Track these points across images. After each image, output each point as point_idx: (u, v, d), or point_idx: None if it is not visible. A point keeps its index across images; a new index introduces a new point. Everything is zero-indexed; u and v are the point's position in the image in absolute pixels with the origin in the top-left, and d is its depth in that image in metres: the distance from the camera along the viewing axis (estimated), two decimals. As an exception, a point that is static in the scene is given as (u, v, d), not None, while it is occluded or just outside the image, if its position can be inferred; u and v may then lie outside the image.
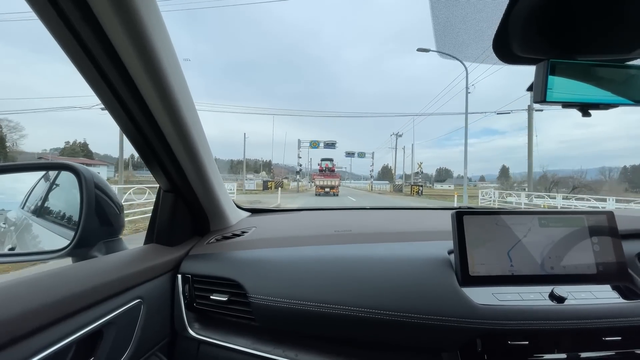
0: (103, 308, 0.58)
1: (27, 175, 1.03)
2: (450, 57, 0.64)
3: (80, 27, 0.49)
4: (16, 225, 1.01)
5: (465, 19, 0.57)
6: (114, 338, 0.59)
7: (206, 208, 0.93)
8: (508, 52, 0.54)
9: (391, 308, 0.65)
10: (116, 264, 0.66)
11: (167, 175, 0.80)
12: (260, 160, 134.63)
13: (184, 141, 0.71)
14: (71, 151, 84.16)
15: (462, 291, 0.65)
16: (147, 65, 0.56)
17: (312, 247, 0.85)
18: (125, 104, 0.62)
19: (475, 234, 0.69)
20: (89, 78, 0.58)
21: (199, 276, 0.79)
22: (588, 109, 0.56)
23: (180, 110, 0.66)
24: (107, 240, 0.76)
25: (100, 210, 0.74)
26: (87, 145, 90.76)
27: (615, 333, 0.62)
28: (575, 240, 0.69)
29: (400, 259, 0.74)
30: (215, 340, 0.74)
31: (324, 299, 0.68)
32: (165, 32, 0.60)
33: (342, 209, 1.55)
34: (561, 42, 0.51)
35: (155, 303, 0.72)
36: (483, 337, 0.62)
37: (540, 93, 0.52)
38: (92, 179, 0.74)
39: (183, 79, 0.67)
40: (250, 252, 0.84)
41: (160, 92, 0.60)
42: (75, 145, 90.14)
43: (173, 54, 0.63)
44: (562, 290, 0.64)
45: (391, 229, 1.01)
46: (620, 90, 0.54)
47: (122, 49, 0.53)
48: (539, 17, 0.47)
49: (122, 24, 0.49)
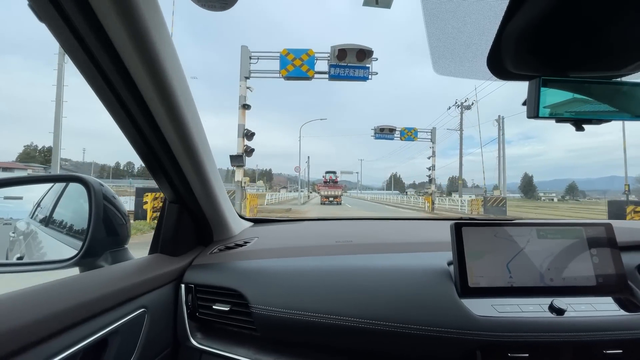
0: (109, 317, 0.59)
1: (36, 185, 1.06)
2: (447, 75, 0.66)
3: (93, 45, 0.52)
4: (25, 234, 1.04)
5: (459, 37, 0.59)
6: (119, 347, 0.60)
7: (210, 218, 0.95)
8: (502, 69, 0.56)
9: (391, 319, 0.65)
10: (122, 274, 0.68)
11: (172, 187, 0.82)
12: (257, 168, 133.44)
13: (189, 153, 0.73)
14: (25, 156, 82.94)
15: (462, 302, 0.65)
16: (154, 80, 0.58)
17: (313, 257, 0.86)
18: (133, 117, 0.65)
19: (475, 245, 0.70)
20: (100, 92, 0.60)
21: (201, 286, 0.81)
22: (581, 123, 0.58)
23: (186, 123, 0.68)
24: (113, 250, 0.77)
25: (108, 220, 0.76)
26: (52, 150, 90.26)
27: (615, 346, 0.61)
28: (574, 251, 0.70)
29: (400, 269, 0.75)
30: (217, 350, 0.75)
31: (324, 309, 0.69)
32: (173, 48, 0.62)
33: (344, 219, 1.56)
34: (553, 59, 0.53)
35: (158, 312, 0.73)
36: (483, 349, 0.62)
37: (533, 109, 0.54)
38: (100, 191, 0.76)
39: (189, 93, 0.70)
40: (252, 262, 0.86)
41: (167, 105, 0.63)
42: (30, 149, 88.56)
43: (180, 68, 0.66)
44: (562, 302, 0.64)
45: (391, 239, 1.02)
46: (611, 106, 0.55)
47: (131, 65, 0.56)
48: (531, 37, 0.49)
49: (133, 43, 0.52)
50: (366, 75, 9.21)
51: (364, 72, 9.16)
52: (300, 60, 9.03)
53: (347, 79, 9.32)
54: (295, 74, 9.11)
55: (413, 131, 17.17)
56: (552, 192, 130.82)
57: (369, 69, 9.13)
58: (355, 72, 9.16)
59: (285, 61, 9.03)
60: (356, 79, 9.35)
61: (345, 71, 9.12)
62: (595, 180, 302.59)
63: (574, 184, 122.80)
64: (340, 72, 9.12)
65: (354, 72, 9.15)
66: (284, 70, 9.05)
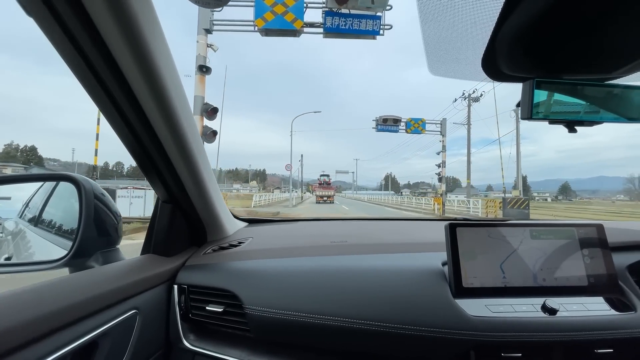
0: (99, 319, 0.58)
1: (25, 185, 1.04)
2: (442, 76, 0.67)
3: (84, 42, 0.51)
4: (13, 234, 1.02)
5: (454, 39, 0.60)
6: (109, 349, 0.59)
7: (203, 219, 0.94)
8: (496, 70, 0.57)
9: (385, 319, 0.65)
10: (113, 275, 0.67)
11: (165, 186, 0.81)
12: (250, 168, 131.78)
13: (183, 153, 0.72)
14: (5, 155, 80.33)
15: (456, 303, 0.65)
16: (147, 78, 0.57)
17: (308, 258, 0.85)
18: (125, 116, 0.64)
19: (469, 245, 0.70)
20: (91, 90, 0.59)
21: (194, 287, 0.80)
22: (574, 125, 0.59)
23: (179, 123, 0.67)
24: (104, 250, 0.76)
25: (99, 220, 0.75)
26: (36, 150, 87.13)
27: (606, 345, 0.62)
28: (566, 252, 0.71)
29: (394, 270, 0.75)
30: (210, 351, 0.74)
31: (319, 310, 0.69)
32: (165, 45, 0.61)
33: (339, 219, 1.56)
34: (546, 62, 0.54)
35: (150, 314, 0.72)
36: (476, 349, 0.62)
37: (526, 110, 0.54)
38: (91, 190, 0.75)
39: (182, 92, 0.69)
40: (246, 262, 0.85)
41: (160, 104, 0.62)
42: (11, 148, 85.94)
43: (173, 66, 0.65)
44: (554, 302, 0.65)
45: (386, 239, 1.02)
46: (603, 108, 0.56)
47: (123, 63, 0.55)
48: (525, 38, 0.49)
49: (126, 42, 0.52)
50: (376, 29, 6.54)
51: (374, 23, 6.47)
52: (284, 5, 6.41)
53: (349, 32, 6.54)
54: (277, 24, 6.48)
55: (420, 122, 15.02)
56: (545, 192, 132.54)
57: (381, 20, 6.47)
58: (362, 25, 6.45)
59: (263, 6, 6.42)
60: (363, 33, 6.57)
61: (348, 22, 6.43)
62: (585, 180, 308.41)
63: (567, 184, 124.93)
64: (341, 23, 6.42)
65: (359, 24, 6.45)
66: (260, 19, 6.46)
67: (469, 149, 18.48)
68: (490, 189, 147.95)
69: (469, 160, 18.45)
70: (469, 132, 18.30)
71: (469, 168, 18.31)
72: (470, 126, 18.35)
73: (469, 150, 18.58)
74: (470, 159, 18.44)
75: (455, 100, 19.28)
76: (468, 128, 18.03)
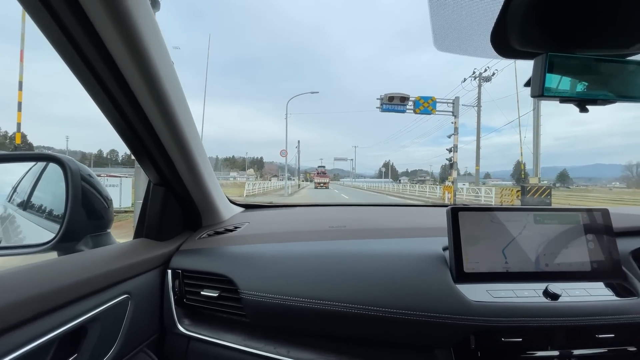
0: (88, 303, 0.56)
1: (13, 166, 1.00)
2: (448, 51, 0.63)
3: (68, 21, 0.48)
4: (2, 218, 0.99)
5: (462, 12, 0.56)
6: (99, 334, 0.57)
7: (198, 202, 0.91)
8: (506, 45, 0.53)
9: (385, 305, 0.64)
10: (103, 258, 0.65)
11: (156, 168, 0.78)
12: (247, 156, 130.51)
13: (174, 133, 0.69)
14: None
15: (457, 288, 0.64)
16: (135, 56, 0.54)
17: (306, 242, 0.84)
18: (112, 95, 0.61)
19: (470, 230, 0.68)
20: (77, 71, 0.57)
21: (189, 271, 0.78)
22: (586, 104, 0.55)
23: (169, 101, 0.64)
24: (94, 234, 0.74)
25: (88, 203, 0.72)
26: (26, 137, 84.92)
27: (608, 330, 0.61)
28: (569, 237, 0.69)
29: (394, 255, 0.74)
30: (205, 336, 0.73)
31: (317, 294, 0.67)
32: (155, 24, 0.59)
33: (337, 205, 1.54)
34: (560, 35, 0.50)
35: (143, 299, 0.70)
36: (477, 334, 0.62)
37: (538, 87, 0.51)
38: (78, 171, 0.71)
39: (173, 70, 0.66)
40: (242, 247, 0.83)
41: (148, 81, 0.59)
42: None
43: (163, 45, 0.62)
44: (557, 287, 0.64)
45: (386, 225, 1.00)
46: (618, 86, 0.53)
47: (111, 42, 0.52)
48: (538, 9, 0.46)
49: (112, 18, 0.48)
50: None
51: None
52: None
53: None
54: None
55: (430, 102, 13.59)
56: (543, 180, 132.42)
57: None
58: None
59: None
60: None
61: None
62: (580, 168, 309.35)
63: (565, 172, 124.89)
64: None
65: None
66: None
67: (479, 132, 17.84)
68: (488, 176, 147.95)
69: (478, 145, 17.67)
70: (479, 114, 17.65)
71: (478, 153, 17.57)
72: (480, 108, 17.82)
73: (479, 134, 17.74)
74: (479, 143, 17.64)
75: (464, 80, 18.27)
76: (478, 110, 17.50)
